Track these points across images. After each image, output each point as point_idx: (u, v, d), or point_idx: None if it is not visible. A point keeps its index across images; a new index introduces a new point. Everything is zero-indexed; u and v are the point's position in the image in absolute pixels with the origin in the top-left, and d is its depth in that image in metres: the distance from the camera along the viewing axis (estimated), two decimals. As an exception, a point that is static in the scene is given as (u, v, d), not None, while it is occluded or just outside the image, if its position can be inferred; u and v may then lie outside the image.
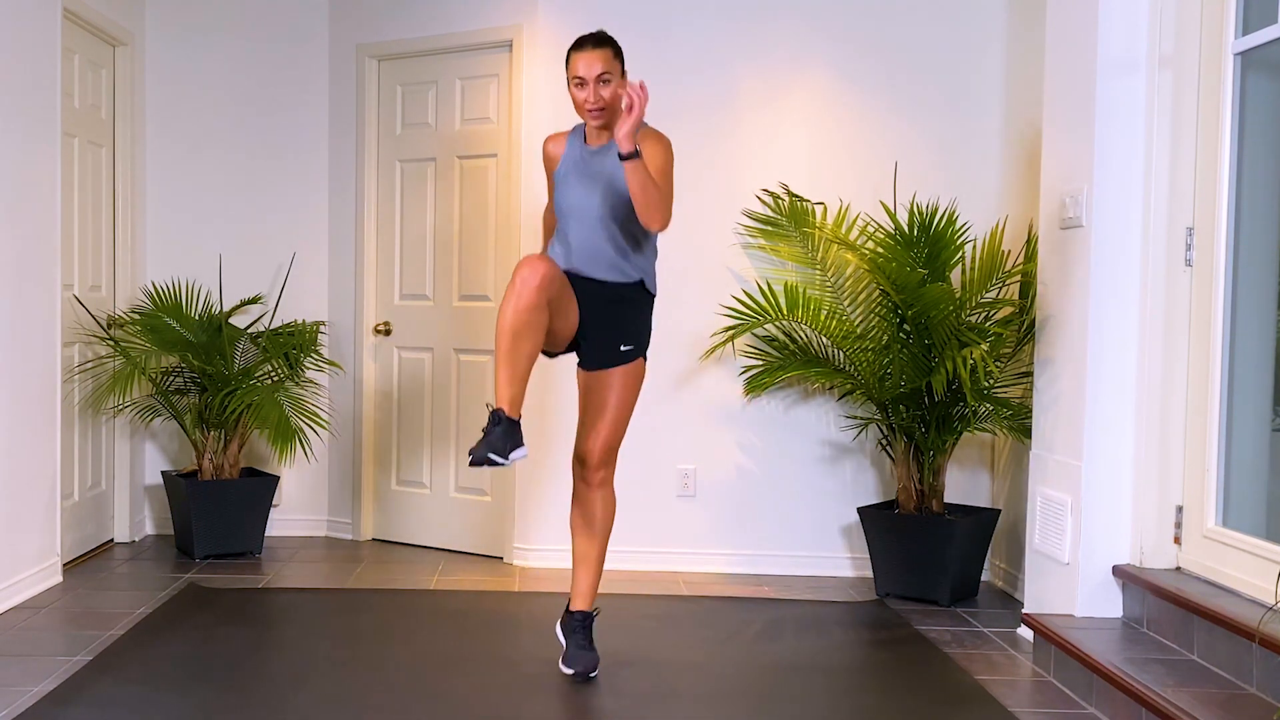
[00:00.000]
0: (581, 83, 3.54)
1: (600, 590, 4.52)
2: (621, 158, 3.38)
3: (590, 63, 3.52)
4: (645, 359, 3.77)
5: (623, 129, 3.34)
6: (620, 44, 3.64)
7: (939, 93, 5.14)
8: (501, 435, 3.31)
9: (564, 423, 5.15)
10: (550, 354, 3.74)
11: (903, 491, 4.81)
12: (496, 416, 3.33)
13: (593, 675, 3.69)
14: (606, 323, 3.66)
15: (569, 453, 5.15)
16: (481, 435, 3.34)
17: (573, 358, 3.81)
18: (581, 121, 3.73)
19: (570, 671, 3.68)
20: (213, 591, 4.65)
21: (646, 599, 4.66)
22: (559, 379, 5.14)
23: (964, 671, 3.80)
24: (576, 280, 3.64)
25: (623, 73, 3.61)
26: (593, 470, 3.74)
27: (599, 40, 3.57)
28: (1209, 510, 3.70)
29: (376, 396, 5.75)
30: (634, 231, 3.65)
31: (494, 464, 3.29)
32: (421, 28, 5.50)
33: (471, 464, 3.30)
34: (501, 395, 3.36)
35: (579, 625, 3.74)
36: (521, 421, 3.38)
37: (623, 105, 3.37)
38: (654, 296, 3.77)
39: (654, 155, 3.51)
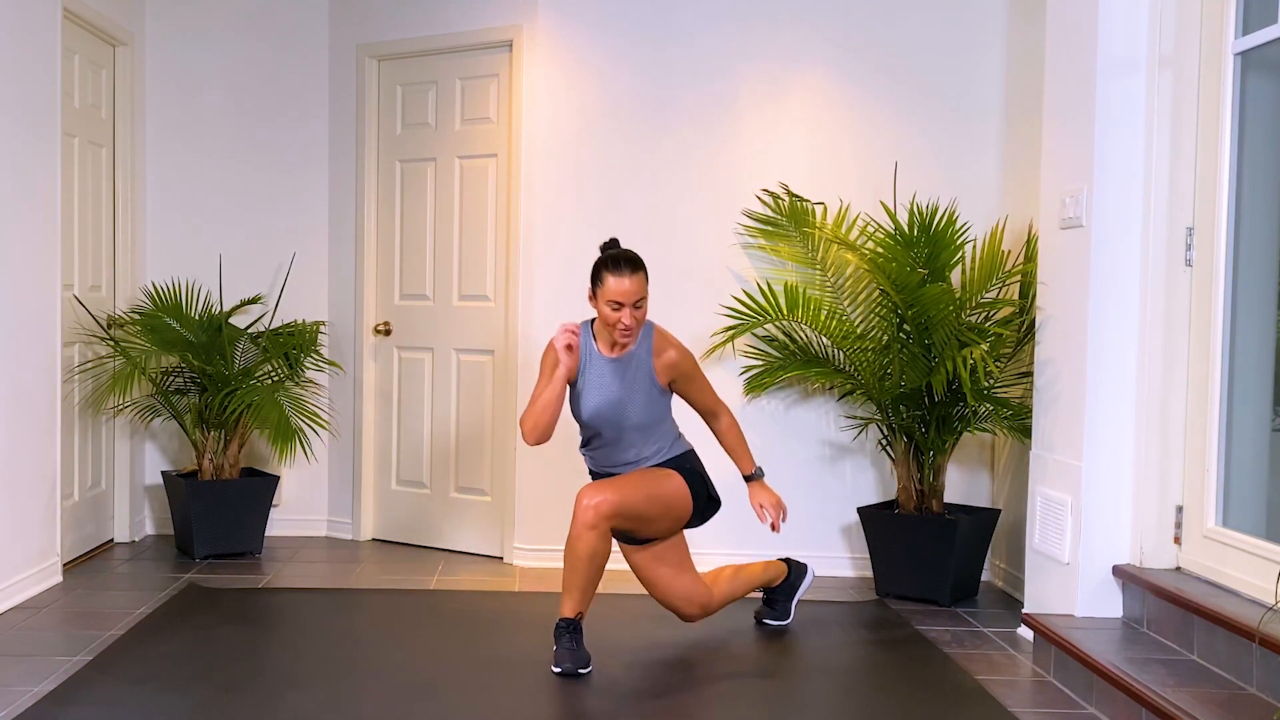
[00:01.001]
0: (619, 306, 3.71)
1: (600, 590, 4.53)
2: (749, 479, 3.98)
3: (631, 290, 3.71)
4: (684, 478, 3.92)
5: (743, 458, 3.97)
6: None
7: (939, 93, 5.14)
8: (577, 640, 3.73)
9: (564, 423, 5.15)
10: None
11: (903, 491, 4.81)
12: (574, 625, 3.73)
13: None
14: None
15: (569, 453, 5.16)
16: (557, 647, 3.71)
17: None
18: (587, 322, 3.91)
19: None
20: (213, 591, 4.65)
21: (643, 599, 4.66)
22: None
23: (964, 671, 3.80)
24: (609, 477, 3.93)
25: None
26: (701, 615, 4.04)
27: (636, 265, 3.74)
28: (1209, 510, 3.70)
29: (376, 396, 5.75)
30: (651, 428, 3.89)
31: (583, 673, 3.70)
32: (421, 28, 5.50)
33: (561, 674, 3.69)
34: (576, 608, 3.74)
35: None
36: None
37: (767, 516, 3.94)
38: (683, 455, 3.97)
39: (693, 367, 3.90)
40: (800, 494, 5.17)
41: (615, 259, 3.72)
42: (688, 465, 3.92)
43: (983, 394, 4.61)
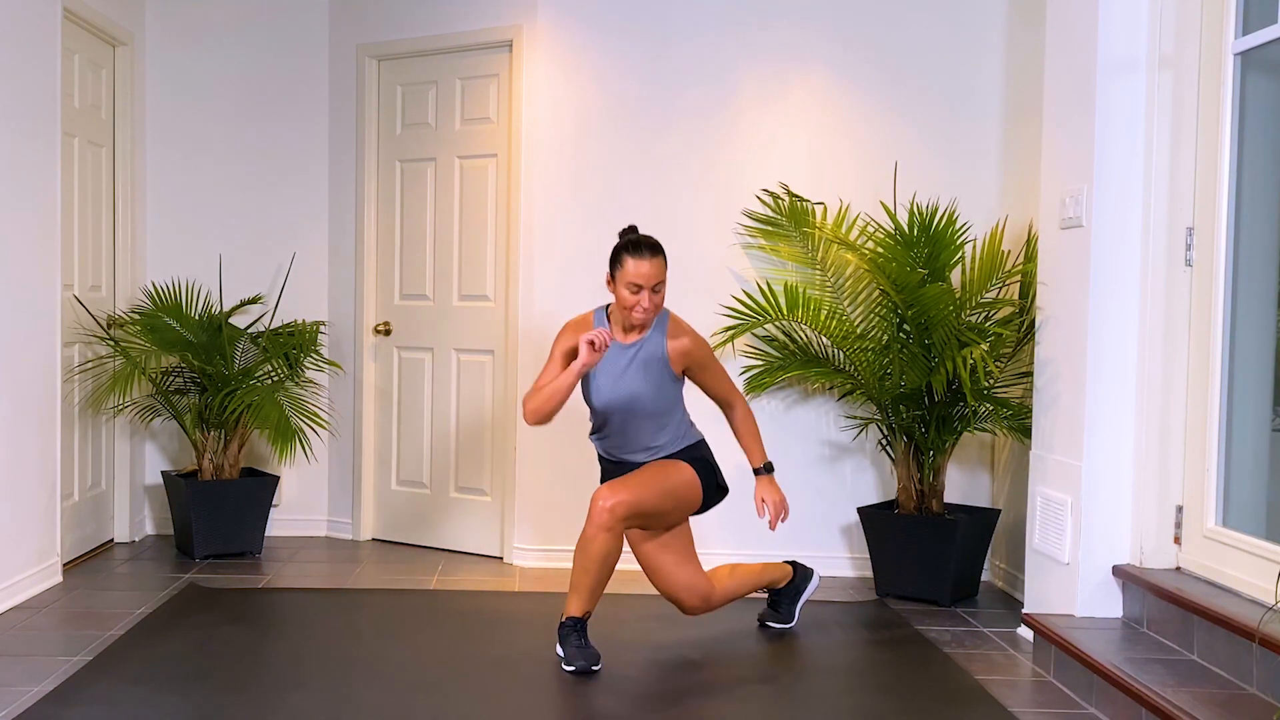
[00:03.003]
0: (638, 289, 3.72)
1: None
2: (757, 472, 3.98)
3: (651, 273, 3.72)
4: (695, 469, 3.94)
5: (775, 522, 3.95)
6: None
7: (939, 93, 5.14)
8: (585, 638, 3.76)
9: (565, 422, 5.15)
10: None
11: (903, 491, 4.81)
12: (581, 625, 3.75)
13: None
14: None
15: (568, 453, 5.16)
16: (564, 645, 3.75)
17: None
18: (600, 306, 3.93)
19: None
20: (213, 591, 4.65)
21: (646, 599, 4.66)
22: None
23: (964, 671, 3.80)
24: (620, 465, 3.95)
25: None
26: (702, 608, 4.03)
27: (656, 249, 3.75)
28: (1209, 510, 3.70)
29: (376, 396, 5.75)
30: (663, 416, 3.88)
31: (595, 670, 3.71)
32: (421, 28, 5.50)
33: (574, 672, 3.70)
34: (578, 607, 3.76)
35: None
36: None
37: (766, 512, 3.95)
38: (694, 445, 3.96)
39: (708, 355, 3.90)
40: (800, 494, 5.17)
41: (636, 243, 3.75)
42: (699, 455, 3.93)
43: (983, 394, 4.61)
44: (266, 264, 5.79)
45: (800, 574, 4.32)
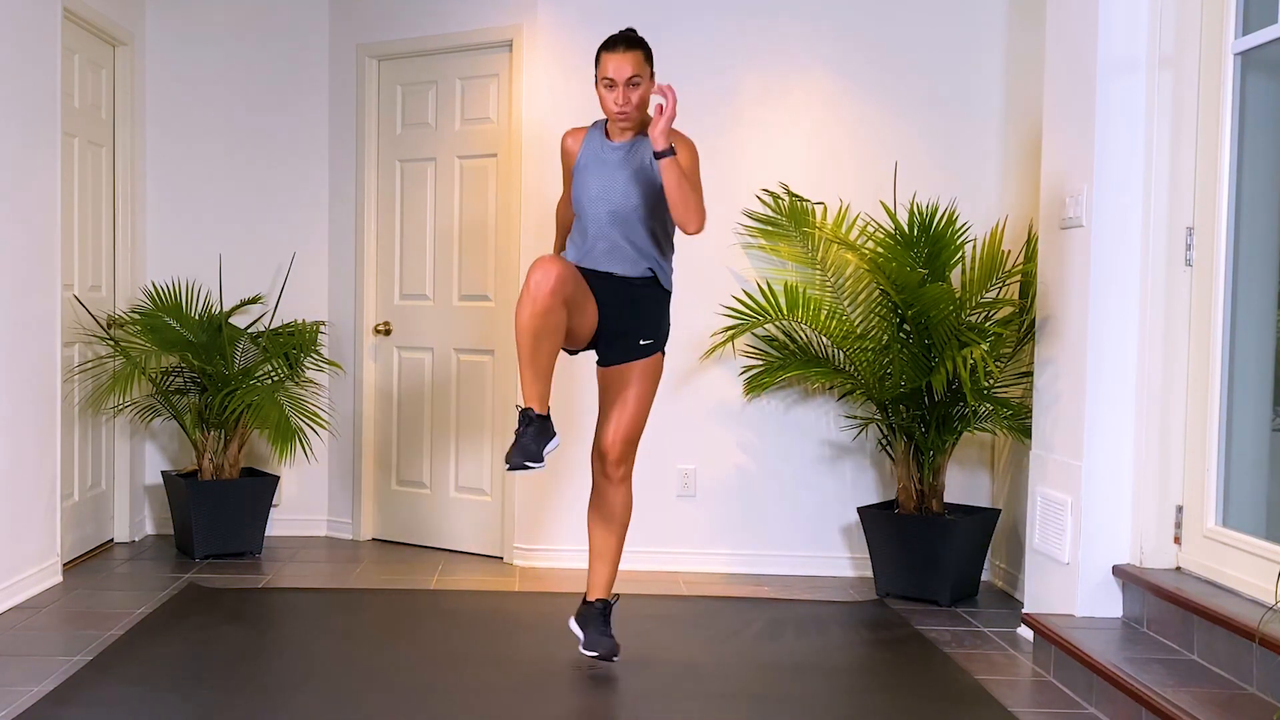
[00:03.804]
0: (611, 84, 3.57)
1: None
2: (657, 155, 3.44)
3: (621, 65, 3.55)
4: (664, 354, 3.81)
5: (657, 127, 3.40)
6: (650, 46, 3.66)
7: (939, 93, 5.14)
8: (534, 435, 3.41)
9: (565, 423, 5.15)
10: (571, 351, 3.78)
11: (903, 491, 4.81)
12: (527, 416, 3.43)
13: (615, 659, 3.72)
14: (625, 318, 3.69)
15: (570, 453, 5.16)
16: (514, 439, 3.42)
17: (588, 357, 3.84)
18: (602, 117, 3.76)
19: (594, 654, 3.70)
20: (213, 591, 4.65)
21: (646, 599, 4.66)
22: (567, 379, 5.13)
23: (964, 671, 3.80)
24: (593, 276, 3.67)
25: (651, 75, 3.64)
26: (613, 465, 3.77)
27: (631, 42, 3.59)
28: (1209, 510, 3.70)
29: (376, 396, 5.75)
30: (653, 228, 3.69)
31: (530, 469, 3.39)
32: (421, 28, 5.50)
33: (509, 470, 3.40)
34: (529, 394, 3.46)
35: (598, 613, 3.78)
36: (550, 413, 3.49)
37: (651, 108, 3.42)
38: (669, 293, 3.80)
39: (683, 157, 3.54)
40: (800, 494, 5.17)
41: (612, 38, 3.59)
42: (665, 317, 3.76)
43: (983, 394, 4.61)
44: (266, 264, 5.79)
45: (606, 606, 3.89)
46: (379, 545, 5.67)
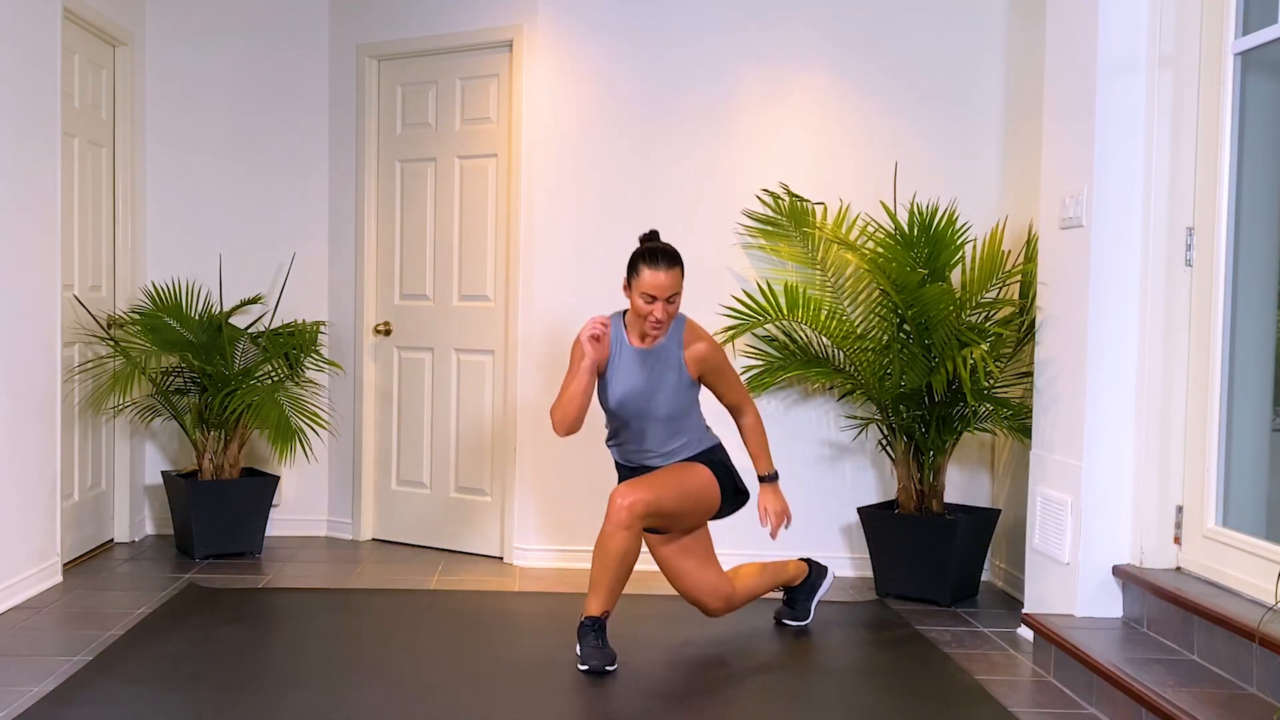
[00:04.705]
0: (652, 299, 3.73)
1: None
2: (761, 480, 3.96)
3: (664, 286, 3.73)
4: (712, 472, 3.94)
5: (761, 459, 3.95)
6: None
7: (939, 93, 5.14)
8: (605, 639, 3.76)
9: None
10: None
11: (903, 491, 4.81)
12: (599, 624, 3.75)
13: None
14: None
15: (569, 453, 5.16)
16: (581, 642, 3.74)
17: None
18: (619, 313, 3.93)
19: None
20: (213, 591, 4.65)
21: (646, 599, 4.66)
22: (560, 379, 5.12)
23: (964, 671, 3.80)
24: (636, 471, 3.97)
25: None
26: (721, 611, 4.06)
27: (673, 260, 3.76)
28: (1209, 510, 3.70)
29: (376, 396, 5.75)
30: (679, 428, 3.90)
31: (608, 672, 3.70)
32: (421, 28, 5.50)
33: (587, 673, 3.70)
34: (604, 607, 3.76)
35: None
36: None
37: (769, 521, 3.94)
38: (710, 448, 3.98)
39: (722, 361, 3.90)
40: (800, 494, 5.17)
41: (653, 252, 3.75)
42: (716, 459, 3.94)
43: (983, 394, 4.61)
44: (266, 264, 5.79)
45: (815, 571, 4.34)
46: (379, 545, 5.67)
